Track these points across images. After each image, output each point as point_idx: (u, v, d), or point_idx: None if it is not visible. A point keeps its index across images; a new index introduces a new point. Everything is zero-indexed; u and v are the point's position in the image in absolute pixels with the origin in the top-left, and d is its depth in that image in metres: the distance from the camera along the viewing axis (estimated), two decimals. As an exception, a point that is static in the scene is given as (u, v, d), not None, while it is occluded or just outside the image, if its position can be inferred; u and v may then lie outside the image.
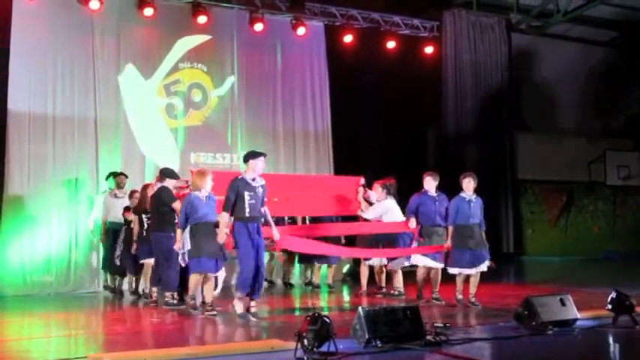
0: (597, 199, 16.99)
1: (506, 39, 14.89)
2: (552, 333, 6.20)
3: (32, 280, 10.15)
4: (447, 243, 8.37)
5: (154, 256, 8.58)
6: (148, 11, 11.20)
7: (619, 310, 6.58)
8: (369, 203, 9.33)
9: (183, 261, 7.66)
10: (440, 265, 8.53)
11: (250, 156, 7.45)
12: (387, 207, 9.17)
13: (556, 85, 16.05)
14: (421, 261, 8.60)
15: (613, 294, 6.66)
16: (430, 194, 8.63)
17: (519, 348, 5.88)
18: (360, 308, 5.70)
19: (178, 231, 7.63)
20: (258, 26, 12.10)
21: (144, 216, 8.95)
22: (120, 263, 9.69)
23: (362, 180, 9.41)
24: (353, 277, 11.12)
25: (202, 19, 11.62)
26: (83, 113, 10.83)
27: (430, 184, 8.67)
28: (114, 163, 10.71)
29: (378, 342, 5.53)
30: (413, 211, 8.66)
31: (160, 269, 8.35)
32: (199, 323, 7.29)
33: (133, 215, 9.24)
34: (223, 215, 7.23)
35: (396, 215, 9.15)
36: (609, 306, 6.63)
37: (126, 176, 10.28)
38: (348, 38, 12.95)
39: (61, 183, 10.57)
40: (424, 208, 8.57)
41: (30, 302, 9.42)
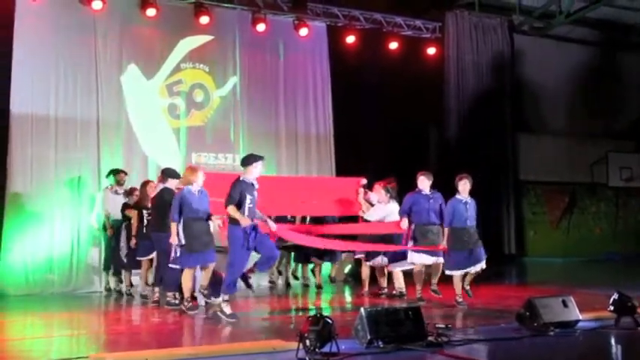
0: (599, 201, 16.95)
1: (508, 40, 14.91)
2: (554, 334, 6.19)
3: (34, 280, 10.15)
4: (443, 244, 8.35)
5: (156, 256, 8.60)
6: (151, 11, 11.21)
7: (621, 312, 6.58)
8: (370, 204, 9.33)
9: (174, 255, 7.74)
10: (440, 260, 8.45)
11: (249, 159, 7.43)
12: (390, 210, 9.15)
13: (558, 87, 16.02)
14: (418, 259, 8.55)
15: (615, 295, 6.65)
16: (424, 193, 8.60)
17: (521, 349, 5.88)
18: (362, 309, 5.70)
19: (173, 224, 7.65)
20: (260, 27, 12.10)
21: (144, 212, 9.01)
22: (126, 260, 9.69)
23: (363, 181, 9.41)
24: (354, 278, 11.11)
25: (205, 20, 11.63)
26: (86, 113, 10.84)
27: (424, 184, 8.63)
28: (116, 164, 10.70)
29: (380, 342, 5.54)
30: (406, 211, 8.62)
31: (162, 269, 8.37)
32: (201, 323, 7.30)
33: (134, 211, 9.28)
34: (231, 209, 7.12)
35: (397, 219, 9.13)
36: (611, 307, 6.63)
37: (125, 173, 10.32)
38: (351, 39, 12.94)
39: (64, 183, 10.57)
40: (417, 207, 8.54)
41: (32, 302, 9.43)
